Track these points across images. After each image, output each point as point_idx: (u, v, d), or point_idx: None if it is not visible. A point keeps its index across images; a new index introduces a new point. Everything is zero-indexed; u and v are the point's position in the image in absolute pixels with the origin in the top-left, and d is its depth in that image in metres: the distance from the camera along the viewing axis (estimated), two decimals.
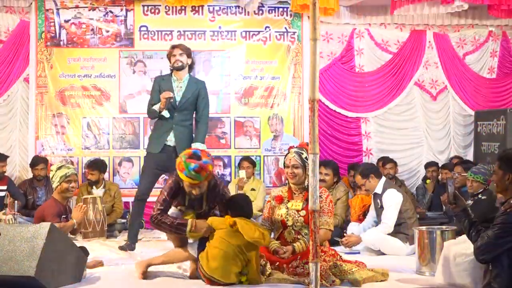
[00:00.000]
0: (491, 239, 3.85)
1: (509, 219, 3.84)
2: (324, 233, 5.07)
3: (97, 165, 7.81)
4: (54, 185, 5.57)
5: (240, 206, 4.95)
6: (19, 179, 8.24)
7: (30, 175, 7.99)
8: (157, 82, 6.40)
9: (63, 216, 5.49)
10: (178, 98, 6.24)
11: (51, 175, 5.63)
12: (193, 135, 6.31)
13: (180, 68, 6.25)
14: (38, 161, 7.82)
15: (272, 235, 5.27)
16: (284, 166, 5.26)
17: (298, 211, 5.10)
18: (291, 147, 5.29)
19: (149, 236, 7.40)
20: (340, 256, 5.15)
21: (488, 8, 8.12)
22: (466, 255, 4.61)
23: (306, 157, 5.06)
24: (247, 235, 4.65)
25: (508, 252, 3.82)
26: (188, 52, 6.29)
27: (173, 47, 6.33)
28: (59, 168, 5.57)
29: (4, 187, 7.54)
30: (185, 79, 6.31)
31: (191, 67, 6.41)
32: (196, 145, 5.88)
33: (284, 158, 5.29)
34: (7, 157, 7.82)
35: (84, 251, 5.15)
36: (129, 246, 6.24)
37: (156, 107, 6.16)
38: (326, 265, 4.77)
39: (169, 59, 6.31)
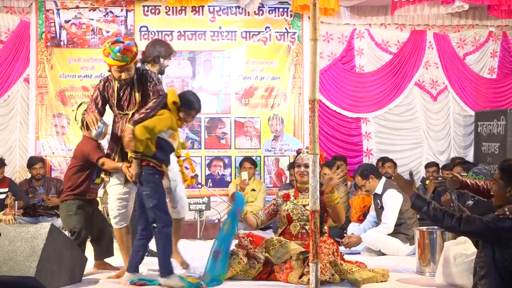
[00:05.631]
0: (477, 218, 3.74)
1: (496, 222, 3.71)
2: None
3: None
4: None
5: (190, 102, 4.97)
6: (19, 180, 8.21)
7: (30, 176, 7.97)
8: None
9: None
10: None
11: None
12: None
13: None
14: (35, 161, 7.81)
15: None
16: (295, 166, 5.35)
17: (304, 205, 5.17)
18: (299, 150, 5.38)
19: None
20: (341, 253, 5.18)
21: (488, 8, 8.13)
22: (466, 255, 4.61)
23: None
24: None
25: (494, 256, 3.72)
26: None
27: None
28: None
29: (5, 190, 7.48)
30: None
31: None
32: None
33: (295, 158, 5.39)
34: (4, 164, 7.72)
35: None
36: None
37: None
38: (325, 257, 4.77)
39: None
